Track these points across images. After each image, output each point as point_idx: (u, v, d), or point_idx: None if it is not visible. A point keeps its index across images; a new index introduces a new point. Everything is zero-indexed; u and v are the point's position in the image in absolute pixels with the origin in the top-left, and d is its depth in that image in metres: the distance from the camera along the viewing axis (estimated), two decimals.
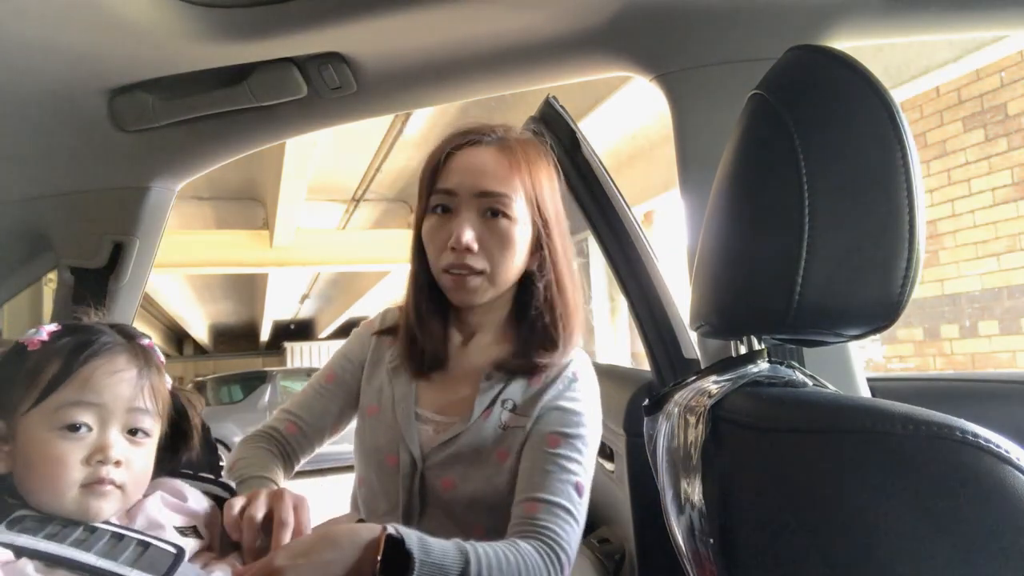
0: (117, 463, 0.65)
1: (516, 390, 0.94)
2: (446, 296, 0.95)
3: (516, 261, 0.93)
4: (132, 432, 0.68)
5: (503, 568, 0.75)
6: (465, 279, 0.91)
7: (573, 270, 0.98)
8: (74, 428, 0.64)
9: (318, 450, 1.04)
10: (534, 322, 0.95)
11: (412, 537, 0.71)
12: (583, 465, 0.89)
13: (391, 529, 0.71)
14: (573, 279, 0.97)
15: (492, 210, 0.90)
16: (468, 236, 0.89)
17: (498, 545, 0.77)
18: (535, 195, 0.92)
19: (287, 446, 1.00)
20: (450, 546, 0.74)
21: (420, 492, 0.93)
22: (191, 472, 0.79)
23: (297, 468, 1.03)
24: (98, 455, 0.65)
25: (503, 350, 0.97)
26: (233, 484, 0.81)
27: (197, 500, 0.75)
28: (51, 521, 0.62)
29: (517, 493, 0.88)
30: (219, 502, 0.77)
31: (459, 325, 1.01)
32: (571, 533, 0.84)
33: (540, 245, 0.94)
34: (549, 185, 0.95)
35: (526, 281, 0.96)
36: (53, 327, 0.70)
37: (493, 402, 0.94)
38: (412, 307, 0.99)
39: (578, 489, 0.87)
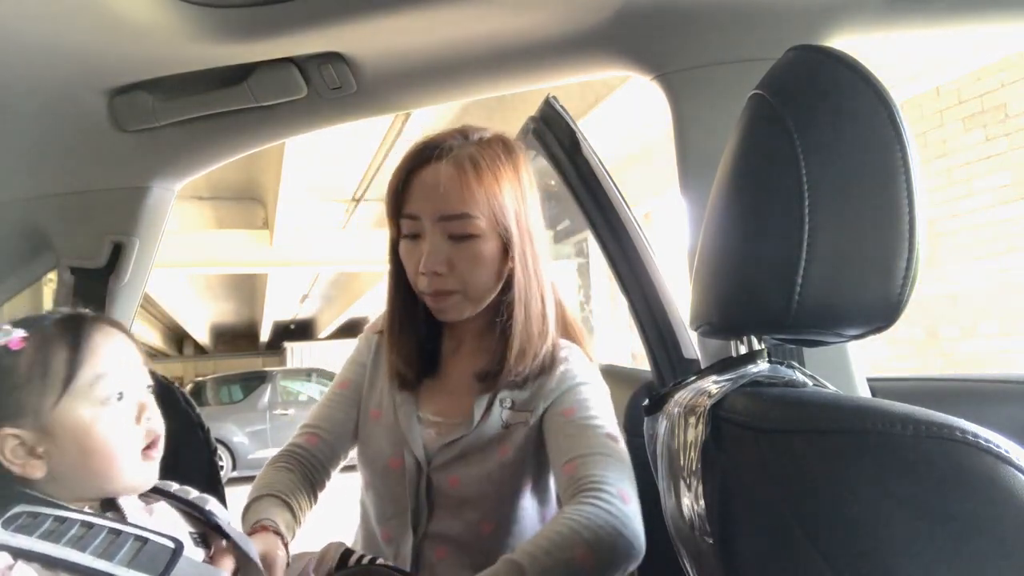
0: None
1: (512, 389, 0.94)
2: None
3: (490, 275, 0.91)
4: (149, 388, 0.69)
5: (562, 547, 0.75)
6: (443, 300, 0.91)
7: (542, 275, 0.94)
8: (119, 397, 0.65)
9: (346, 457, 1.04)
10: (505, 332, 0.93)
11: None
12: (604, 419, 0.90)
13: None
14: (541, 284, 0.94)
15: (457, 233, 0.88)
16: (435, 263, 0.88)
17: (543, 533, 0.78)
18: (495, 206, 0.88)
19: (311, 459, 0.99)
20: (499, 568, 0.74)
21: (427, 493, 0.93)
22: (167, 490, 0.73)
23: (328, 481, 1.03)
24: (145, 413, 0.66)
25: (484, 359, 0.96)
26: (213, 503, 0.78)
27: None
28: (48, 517, 0.61)
29: (552, 467, 0.89)
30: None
31: (450, 332, 1.01)
32: (615, 470, 0.84)
33: (510, 254, 0.92)
34: (512, 190, 0.91)
35: (502, 289, 0.94)
36: (7, 324, 0.66)
37: (491, 403, 0.94)
38: (388, 327, 1.00)
39: (610, 437, 0.88)
